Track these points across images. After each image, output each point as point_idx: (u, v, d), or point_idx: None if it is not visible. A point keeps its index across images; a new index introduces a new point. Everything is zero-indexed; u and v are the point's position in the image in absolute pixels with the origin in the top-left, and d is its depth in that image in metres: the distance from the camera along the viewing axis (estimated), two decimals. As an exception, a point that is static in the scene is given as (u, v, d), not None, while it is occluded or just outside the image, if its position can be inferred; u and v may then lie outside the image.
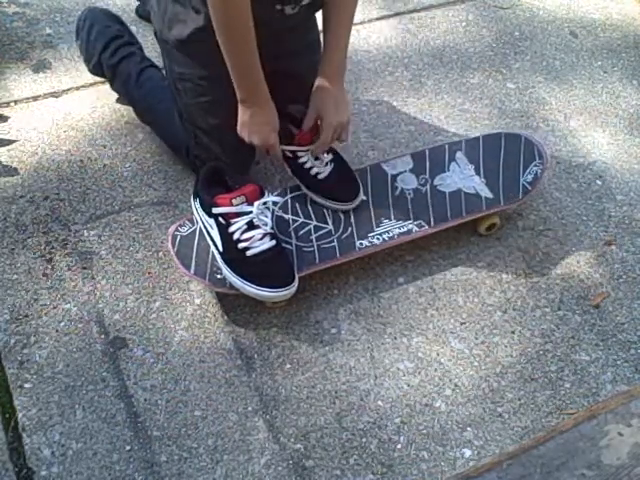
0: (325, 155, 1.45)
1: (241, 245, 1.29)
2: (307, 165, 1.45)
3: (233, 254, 1.30)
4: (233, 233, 1.29)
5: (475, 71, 1.93)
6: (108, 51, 1.62)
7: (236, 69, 1.29)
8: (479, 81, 1.90)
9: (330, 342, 1.36)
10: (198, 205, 1.35)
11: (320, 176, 1.45)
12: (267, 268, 1.29)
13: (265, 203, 1.31)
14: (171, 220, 1.51)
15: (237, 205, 1.29)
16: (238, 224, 1.29)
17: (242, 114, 1.35)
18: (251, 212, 1.29)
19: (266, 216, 1.32)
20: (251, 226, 1.29)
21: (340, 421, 1.26)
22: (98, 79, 1.76)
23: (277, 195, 1.45)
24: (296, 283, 1.31)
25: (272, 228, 1.33)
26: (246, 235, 1.29)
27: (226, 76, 1.39)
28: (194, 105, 1.43)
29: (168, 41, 1.37)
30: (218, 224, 1.30)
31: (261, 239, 1.30)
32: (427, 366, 1.34)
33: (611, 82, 1.95)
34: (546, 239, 1.57)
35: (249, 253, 1.29)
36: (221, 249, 1.31)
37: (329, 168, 1.46)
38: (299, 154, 1.45)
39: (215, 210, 1.29)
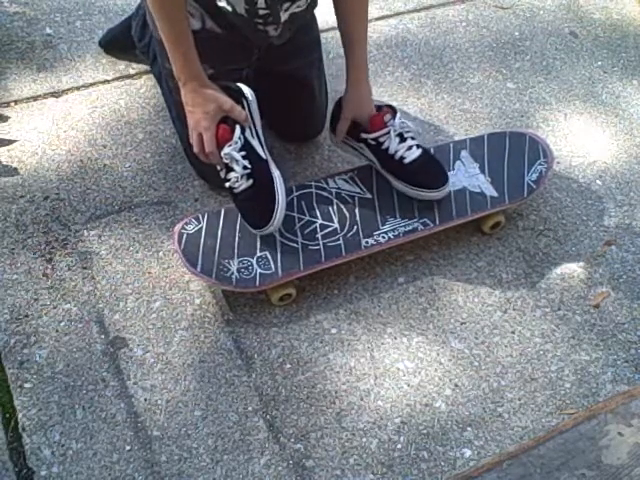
0: (410, 140, 1.45)
1: (227, 184, 1.36)
2: (391, 150, 1.44)
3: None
4: (221, 171, 1.38)
5: (475, 71, 1.93)
6: None
7: (168, 46, 1.31)
8: (479, 81, 1.90)
9: (330, 342, 1.36)
10: None
11: (405, 160, 1.44)
12: (246, 206, 1.36)
13: (230, 146, 1.33)
14: (171, 220, 1.51)
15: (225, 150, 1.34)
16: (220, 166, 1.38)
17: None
18: (227, 154, 1.34)
19: (237, 160, 1.34)
20: (229, 169, 1.35)
21: (340, 421, 1.26)
22: (98, 79, 1.76)
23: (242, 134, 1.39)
24: (275, 221, 1.33)
25: (249, 165, 1.34)
26: (228, 176, 1.36)
27: (216, 75, 1.39)
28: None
29: (160, 39, 1.38)
30: None
31: (238, 181, 1.35)
32: (427, 366, 1.34)
33: (611, 82, 1.95)
34: (546, 239, 1.57)
35: (235, 192, 1.36)
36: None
37: (415, 152, 1.44)
38: (381, 139, 1.44)
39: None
